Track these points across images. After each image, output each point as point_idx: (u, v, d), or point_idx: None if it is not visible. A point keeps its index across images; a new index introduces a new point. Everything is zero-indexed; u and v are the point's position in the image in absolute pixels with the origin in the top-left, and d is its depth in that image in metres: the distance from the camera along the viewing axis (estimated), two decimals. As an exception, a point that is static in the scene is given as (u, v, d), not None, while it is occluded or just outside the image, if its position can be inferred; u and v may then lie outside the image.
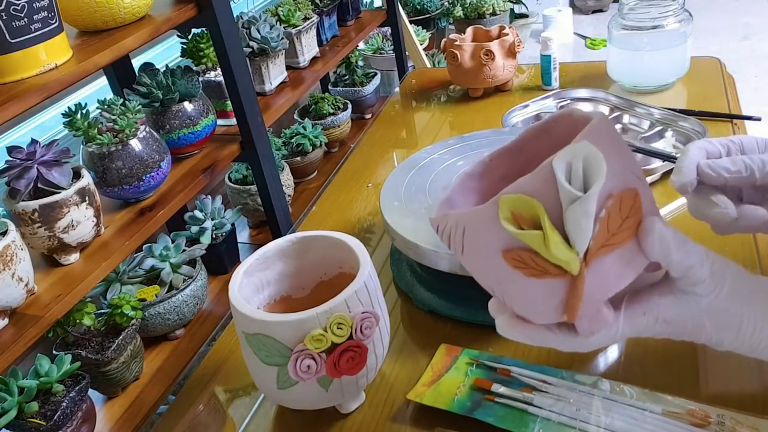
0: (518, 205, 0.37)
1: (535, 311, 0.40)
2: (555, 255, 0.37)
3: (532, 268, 0.38)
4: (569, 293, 0.38)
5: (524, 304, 0.41)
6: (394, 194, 0.78)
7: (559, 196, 0.36)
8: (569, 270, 0.37)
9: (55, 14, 1.01)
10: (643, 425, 0.53)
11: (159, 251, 1.33)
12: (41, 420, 0.98)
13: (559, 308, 0.39)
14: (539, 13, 3.59)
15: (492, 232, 0.39)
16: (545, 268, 0.38)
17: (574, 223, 0.36)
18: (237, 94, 1.34)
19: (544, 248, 0.37)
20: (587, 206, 0.36)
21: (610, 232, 0.37)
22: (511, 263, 0.38)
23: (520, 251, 0.38)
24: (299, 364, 0.53)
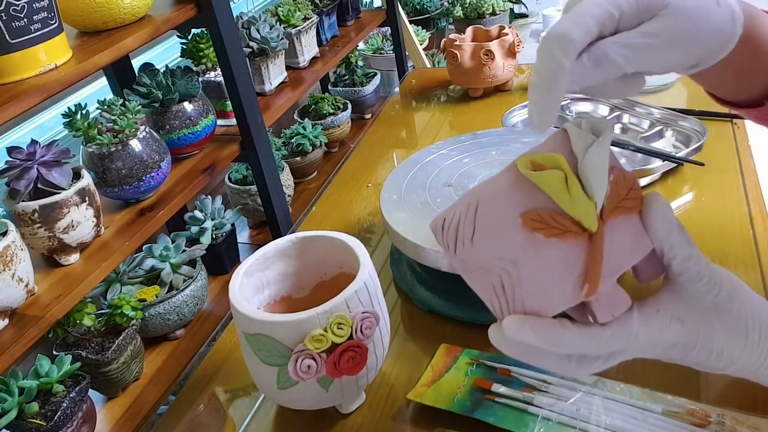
0: (537, 158, 0.38)
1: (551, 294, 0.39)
2: (575, 200, 0.37)
3: (552, 228, 0.37)
4: (589, 258, 0.38)
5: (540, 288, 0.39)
6: (394, 194, 0.78)
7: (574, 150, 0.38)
8: (588, 225, 0.37)
9: (54, 15, 1.01)
10: (643, 425, 0.53)
11: (159, 251, 1.33)
12: (41, 420, 0.98)
13: (578, 285, 0.38)
14: (539, 13, 3.59)
15: (508, 197, 0.38)
16: (565, 225, 0.37)
17: (593, 168, 0.37)
18: (237, 94, 1.34)
19: (565, 192, 0.37)
20: (603, 148, 0.37)
21: (620, 195, 0.38)
22: (530, 225, 0.37)
23: (539, 210, 0.37)
24: (299, 364, 0.53)
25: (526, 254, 0.38)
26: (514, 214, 0.38)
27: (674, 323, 0.40)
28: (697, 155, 0.88)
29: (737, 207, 0.80)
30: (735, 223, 0.77)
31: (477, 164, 0.80)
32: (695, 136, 0.92)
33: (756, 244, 0.73)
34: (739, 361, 0.41)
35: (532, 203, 0.38)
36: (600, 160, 0.37)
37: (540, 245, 0.37)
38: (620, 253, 0.39)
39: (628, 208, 0.39)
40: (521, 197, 0.38)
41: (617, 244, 0.38)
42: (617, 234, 0.38)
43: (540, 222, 0.37)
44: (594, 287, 0.38)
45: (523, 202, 0.38)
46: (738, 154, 0.91)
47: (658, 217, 0.38)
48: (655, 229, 0.39)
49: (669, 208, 0.39)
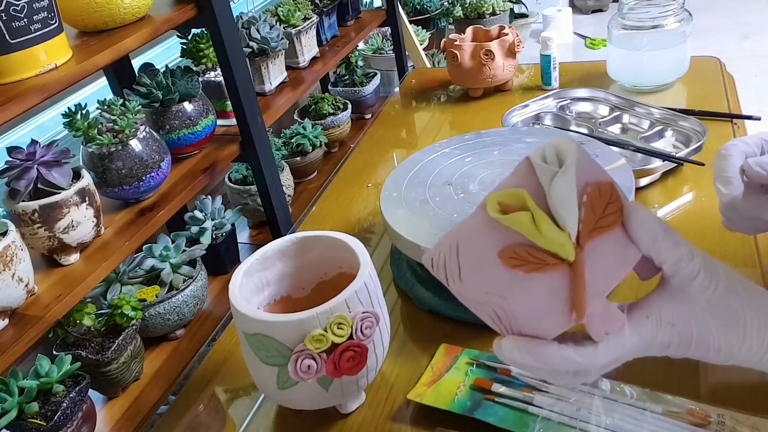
0: (503, 197, 0.38)
1: (544, 321, 0.39)
2: (547, 236, 0.37)
3: (530, 263, 0.38)
4: (571, 285, 0.38)
5: (532, 316, 0.40)
6: (394, 192, 0.78)
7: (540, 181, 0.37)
8: (565, 256, 0.37)
9: (54, 15, 1.01)
10: (643, 425, 0.53)
11: (159, 251, 1.33)
12: (41, 420, 0.98)
13: (567, 310, 0.39)
14: (539, 13, 3.59)
15: (484, 237, 0.39)
16: (542, 259, 0.38)
17: (559, 199, 0.37)
18: (237, 94, 1.34)
19: (535, 230, 0.37)
20: (568, 178, 0.37)
21: (596, 215, 0.38)
22: (509, 263, 0.38)
23: (515, 247, 0.38)
24: (299, 364, 0.53)
25: (511, 288, 0.39)
26: (493, 254, 0.39)
27: (665, 326, 0.40)
28: (697, 155, 0.88)
29: (737, 207, 0.80)
30: (735, 223, 0.77)
31: (479, 164, 0.80)
32: (695, 136, 0.92)
33: (756, 243, 0.73)
34: (739, 354, 0.41)
35: (509, 240, 0.38)
36: (566, 191, 0.37)
37: (523, 279, 0.38)
38: (605, 272, 0.39)
39: (605, 227, 0.38)
40: (497, 236, 0.38)
41: (600, 264, 0.38)
42: (599, 254, 0.38)
43: (518, 259, 0.38)
44: (581, 313, 0.38)
45: (499, 240, 0.38)
46: (738, 154, 0.91)
47: (640, 228, 0.39)
48: (639, 240, 0.39)
49: (650, 217, 0.39)
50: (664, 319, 0.40)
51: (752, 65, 2.98)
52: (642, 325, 0.40)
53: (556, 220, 0.37)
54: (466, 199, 0.74)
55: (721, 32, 3.38)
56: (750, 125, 0.99)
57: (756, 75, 2.89)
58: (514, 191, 0.38)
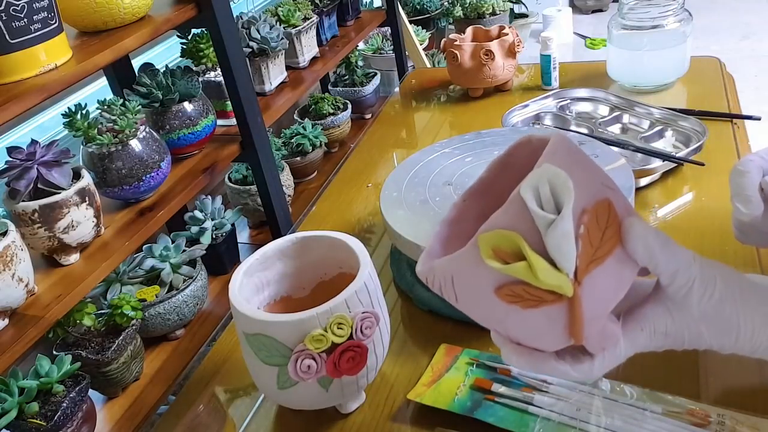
0: (497, 240, 0.37)
1: (542, 342, 0.40)
2: (545, 281, 0.37)
3: (527, 300, 0.38)
4: (569, 317, 0.38)
5: (530, 338, 0.40)
6: (394, 192, 0.78)
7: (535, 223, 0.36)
8: (563, 293, 0.37)
9: (54, 15, 1.01)
10: (643, 425, 0.53)
11: (159, 251, 1.33)
12: (41, 420, 0.98)
13: (565, 334, 0.39)
14: (539, 13, 3.59)
15: (479, 273, 0.38)
16: (540, 297, 0.37)
17: (556, 247, 0.36)
18: (237, 94, 1.34)
19: (533, 277, 0.37)
20: (564, 227, 0.36)
21: (593, 246, 0.37)
22: (506, 300, 0.38)
23: (511, 286, 0.38)
24: (299, 364, 0.53)
25: (508, 317, 0.39)
26: (489, 290, 0.38)
27: (658, 336, 0.41)
28: (697, 155, 0.88)
29: (737, 207, 0.80)
30: (735, 223, 0.77)
31: (479, 163, 0.80)
32: (695, 136, 0.92)
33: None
34: (732, 350, 0.42)
35: (505, 279, 0.38)
36: (564, 238, 0.36)
37: (519, 312, 0.38)
38: (604, 297, 0.39)
39: (603, 256, 0.38)
40: (492, 274, 0.38)
41: (599, 291, 0.38)
42: (597, 282, 0.38)
43: (514, 297, 0.38)
44: (578, 340, 0.39)
45: (495, 278, 0.38)
46: (738, 154, 0.91)
47: (638, 245, 0.39)
48: (636, 255, 0.39)
49: (647, 232, 0.39)
50: (658, 330, 0.41)
51: (752, 65, 2.98)
52: (636, 338, 0.41)
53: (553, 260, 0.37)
54: (466, 199, 0.74)
55: (721, 32, 3.38)
56: (750, 125, 0.99)
57: (756, 75, 2.89)
58: (509, 235, 0.37)
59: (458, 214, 0.47)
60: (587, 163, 0.39)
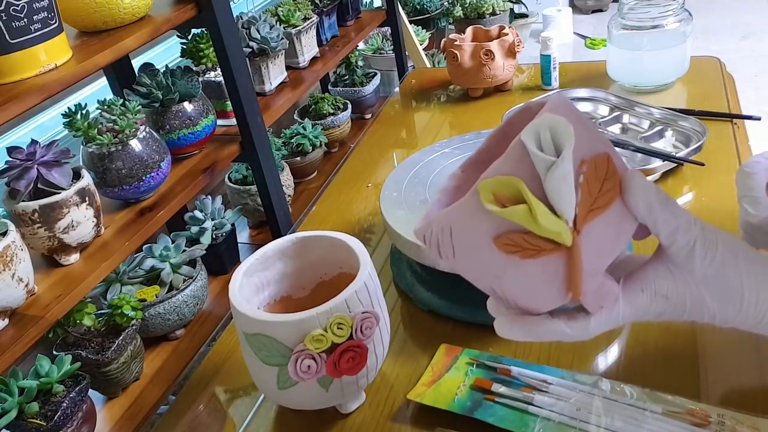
0: (498, 186, 0.37)
1: (539, 299, 0.39)
2: (544, 226, 0.36)
3: (526, 249, 0.37)
4: (568, 268, 0.37)
5: (527, 294, 0.39)
6: (394, 192, 0.78)
7: (535, 168, 0.36)
8: (562, 242, 0.37)
9: (54, 14, 1.01)
10: (643, 425, 0.53)
11: (159, 251, 1.33)
12: (41, 420, 0.98)
13: (563, 288, 0.38)
14: (539, 13, 3.59)
15: (478, 223, 0.38)
16: (539, 245, 0.37)
17: (556, 189, 0.36)
18: (237, 94, 1.34)
19: (533, 222, 0.36)
20: (564, 169, 0.35)
21: (592, 195, 0.37)
22: (505, 249, 0.37)
23: (510, 234, 0.37)
24: (299, 364, 0.53)
25: (506, 270, 0.38)
26: (487, 239, 0.38)
27: (658, 299, 0.40)
28: (697, 155, 0.88)
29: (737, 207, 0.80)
30: (735, 223, 0.77)
31: (477, 164, 0.80)
32: (695, 136, 0.92)
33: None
34: (734, 321, 0.41)
35: (503, 227, 0.37)
36: (563, 181, 0.36)
37: (518, 262, 0.38)
38: (602, 250, 0.39)
39: (602, 206, 0.38)
40: (491, 221, 0.37)
41: (597, 243, 0.38)
42: (595, 234, 0.38)
43: (513, 246, 0.37)
44: (577, 294, 0.38)
45: (494, 226, 0.38)
46: (738, 154, 0.91)
47: (637, 199, 0.38)
48: (636, 210, 0.39)
49: (648, 187, 0.38)
50: (658, 292, 0.40)
51: (752, 65, 2.98)
52: (636, 298, 0.40)
53: (552, 206, 0.36)
54: (466, 199, 0.74)
55: (721, 32, 3.38)
56: (750, 125, 0.99)
57: (756, 75, 2.89)
58: (509, 180, 0.36)
59: (457, 184, 0.47)
60: (586, 121, 0.39)
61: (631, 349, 0.62)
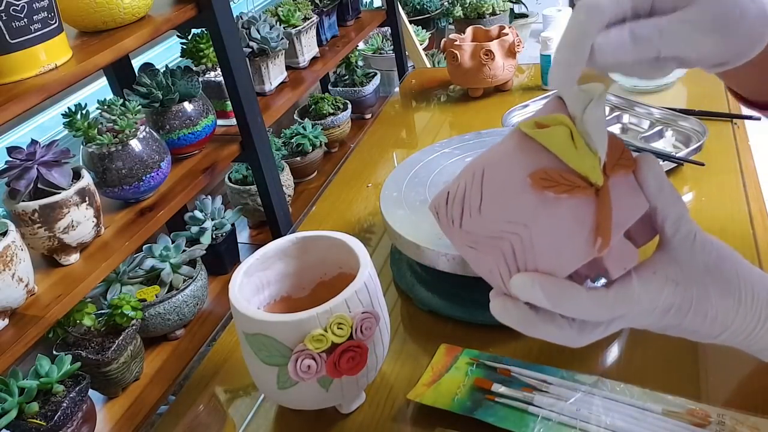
0: (541, 119, 0.39)
1: (564, 252, 0.39)
2: (581, 153, 0.38)
3: (561, 184, 0.38)
4: (598, 211, 0.39)
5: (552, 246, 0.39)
6: (394, 191, 0.78)
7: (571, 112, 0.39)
8: (595, 180, 0.38)
9: (54, 15, 1.01)
10: (643, 425, 0.53)
11: (159, 251, 1.33)
12: (41, 420, 0.98)
13: (590, 240, 0.39)
14: (539, 13, 3.59)
15: (513, 161, 0.39)
16: (573, 181, 0.38)
17: (594, 123, 0.38)
18: (237, 94, 1.34)
19: (572, 147, 0.38)
20: (600, 105, 0.38)
21: (615, 154, 0.40)
22: (539, 184, 0.38)
23: (547, 170, 0.38)
24: (299, 364, 0.53)
25: (537, 214, 0.39)
26: (522, 176, 0.38)
27: (669, 284, 0.40)
28: (697, 155, 0.88)
29: (737, 207, 0.80)
30: (735, 223, 0.77)
31: (477, 164, 0.80)
32: (695, 136, 0.92)
33: (756, 244, 0.73)
34: (733, 324, 0.41)
35: (539, 163, 0.38)
36: (600, 116, 0.38)
37: (550, 204, 0.38)
38: (624, 207, 0.40)
39: (626, 165, 0.40)
40: (527, 159, 0.39)
41: (620, 199, 0.40)
42: (619, 189, 0.40)
43: (549, 180, 0.38)
44: (607, 240, 0.38)
45: (529, 163, 0.39)
46: (738, 154, 0.91)
47: (650, 173, 0.40)
48: (648, 185, 0.40)
49: (659, 166, 0.41)
50: (669, 277, 0.41)
51: (752, 65, 2.98)
52: (650, 280, 0.40)
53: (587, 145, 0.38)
54: (466, 199, 0.74)
55: (721, 32, 3.37)
56: (750, 125, 0.99)
57: (756, 75, 2.88)
58: (552, 115, 0.39)
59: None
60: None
61: (631, 349, 0.62)
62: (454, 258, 0.65)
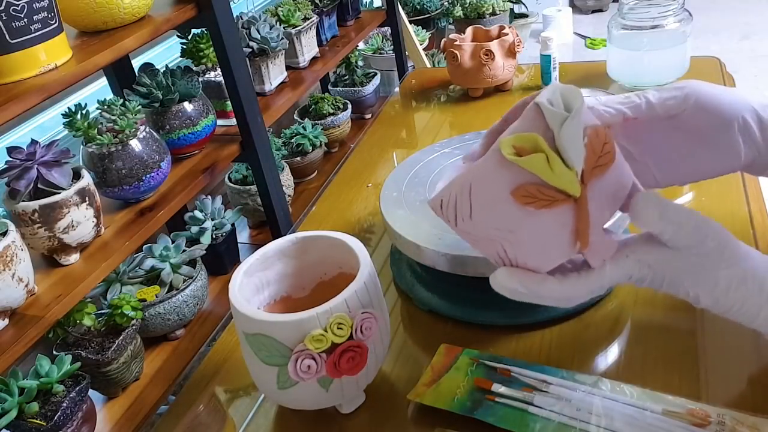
0: (517, 140, 0.42)
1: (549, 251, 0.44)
2: (558, 174, 0.41)
3: (540, 200, 0.41)
4: (577, 217, 0.42)
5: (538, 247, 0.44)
6: (394, 192, 0.78)
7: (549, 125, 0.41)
8: (572, 192, 0.41)
9: (54, 15, 1.01)
10: (643, 425, 0.53)
11: (159, 251, 1.33)
12: (41, 420, 0.98)
13: (572, 239, 0.43)
14: (539, 13, 3.59)
15: (497, 177, 0.42)
16: (552, 196, 0.41)
17: (569, 140, 0.41)
18: (237, 94, 1.34)
19: (548, 169, 0.41)
20: (576, 122, 0.41)
21: (596, 155, 0.42)
22: (521, 200, 0.42)
23: (527, 186, 0.41)
24: (299, 365, 0.53)
25: (521, 223, 0.43)
26: (506, 192, 0.42)
27: (642, 266, 0.45)
28: (697, 155, 0.87)
29: (737, 207, 0.80)
30: (735, 223, 0.77)
31: (477, 164, 0.80)
32: (695, 136, 0.92)
33: (756, 244, 0.73)
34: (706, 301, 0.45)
35: (520, 179, 0.42)
36: (575, 134, 0.41)
37: (533, 214, 0.42)
38: (604, 205, 0.44)
39: (604, 165, 0.43)
40: (509, 176, 0.42)
41: (600, 199, 0.43)
42: (598, 189, 0.43)
43: (529, 197, 0.42)
44: (585, 243, 0.43)
45: (511, 179, 0.42)
46: (738, 154, 0.91)
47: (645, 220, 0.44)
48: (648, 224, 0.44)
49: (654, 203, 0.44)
50: (642, 260, 0.45)
51: (752, 65, 2.98)
52: (621, 263, 0.45)
53: (564, 160, 0.41)
54: (466, 199, 0.74)
55: (721, 32, 3.38)
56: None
57: (756, 75, 2.89)
58: (527, 135, 0.41)
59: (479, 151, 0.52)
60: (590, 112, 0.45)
61: (631, 349, 0.62)
62: (454, 258, 0.65)
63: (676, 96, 0.51)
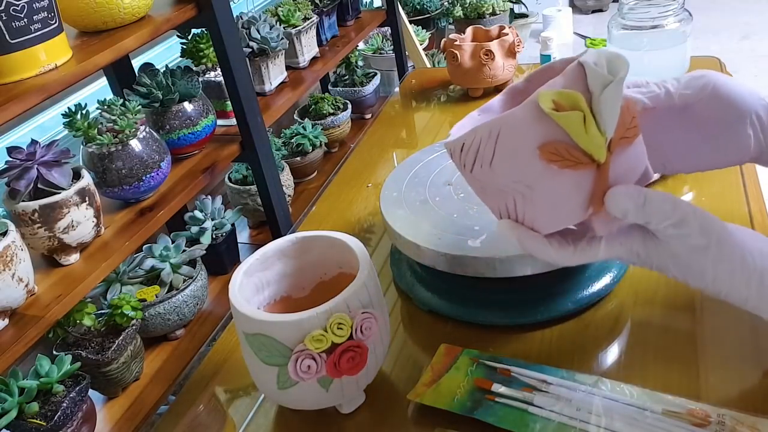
0: (558, 96, 0.41)
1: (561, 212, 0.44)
2: (590, 135, 0.41)
3: (566, 160, 0.41)
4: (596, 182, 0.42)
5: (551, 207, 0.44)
6: (394, 191, 0.78)
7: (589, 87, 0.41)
8: (598, 157, 0.41)
9: (54, 15, 1.01)
10: (643, 425, 0.53)
11: (159, 251, 1.33)
12: (41, 420, 0.98)
13: (584, 204, 0.44)
14: (539, 13, 3.59)
15: (528, 129, 0.42)
16: (578, 158, 0.41)
17: (608, 105, 0.40)
18: (237, 94, 1.34)
19: (582, 130, 0.41)
20: (619, 87, 0.40)
21: (625, 125, 0.42)
22: (547, 157, 0.41)
23: (556, 144, 0.41)
24: (299, 365, 0.53)
25: (541, 179, 0.43)
26: (533, 145, 0.42)
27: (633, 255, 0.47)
28: (697, 155, 0.87)
29: (737, 207, 0.80)
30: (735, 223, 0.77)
31: (477, 164, 0.80)
32: (695, 136, 0.92)
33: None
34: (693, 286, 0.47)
35: (550, 136, 0.41)
36: (616, 100, 0.40)
37: (555, 172, 0.42)
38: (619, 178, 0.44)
39: (631, 137, 0.43)
40: (540, 130, 0.42)
41: (620, 168, 0.44)
42: (619, 161, 0.43)
43: (556, 155, 0.42)
44: (599, 208, 0.44)
45: (542, 134, 0.42)
46: (738, 154, 0.91)
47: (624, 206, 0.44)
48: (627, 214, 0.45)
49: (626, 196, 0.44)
50: (633, 249, 0.47)
51: (752, 65, 2.98)
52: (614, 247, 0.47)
53: (598, 123, 0.41)
54: (466, 199, 0.74)
55: (721, 32, 3.38)
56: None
57: (756, 75, 2.89)
58: (570, 93, 0.41)
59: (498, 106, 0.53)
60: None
61: (631, 349, 0.62)
62: (454, 258, 0.65)
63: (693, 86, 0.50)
